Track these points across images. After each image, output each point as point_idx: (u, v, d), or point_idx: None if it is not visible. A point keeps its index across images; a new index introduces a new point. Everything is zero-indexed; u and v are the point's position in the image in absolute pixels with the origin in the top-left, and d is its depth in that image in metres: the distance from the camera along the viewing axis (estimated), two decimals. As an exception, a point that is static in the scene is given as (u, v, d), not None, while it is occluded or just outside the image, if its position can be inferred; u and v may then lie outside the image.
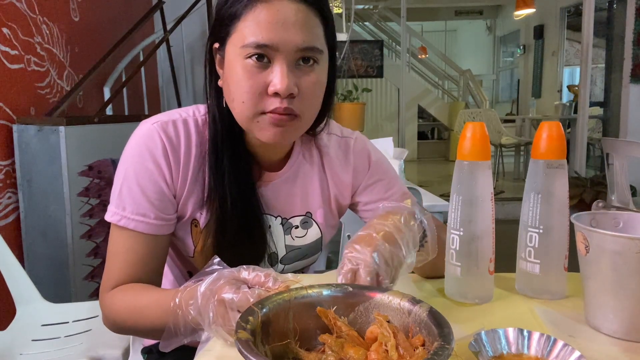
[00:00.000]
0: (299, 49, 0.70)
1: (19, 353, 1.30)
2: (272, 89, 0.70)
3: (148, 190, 0.76)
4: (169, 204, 0.79)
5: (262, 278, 0.59)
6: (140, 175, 0.76)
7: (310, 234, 0.90)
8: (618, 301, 0.59)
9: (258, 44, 0.69)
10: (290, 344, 0.53)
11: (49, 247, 2.00)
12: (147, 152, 0.76)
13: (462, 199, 0.70)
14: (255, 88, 0.71)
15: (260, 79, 0.70)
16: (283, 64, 0.70)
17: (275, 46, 0.69)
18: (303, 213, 0.89)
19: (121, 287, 0.76)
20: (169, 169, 0.78)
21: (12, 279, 1.43)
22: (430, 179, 6.50)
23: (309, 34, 0.71)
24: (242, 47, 0.70)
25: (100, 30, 2.98)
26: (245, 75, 0.70)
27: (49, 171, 1.96)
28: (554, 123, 0.71)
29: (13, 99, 2.02)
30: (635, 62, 4.35)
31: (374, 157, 0.93)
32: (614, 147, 2.72)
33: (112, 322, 0.77)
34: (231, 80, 0.73)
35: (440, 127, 9.16)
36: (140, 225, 0.76)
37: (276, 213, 0.87)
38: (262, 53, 0.69)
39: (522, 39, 8.71)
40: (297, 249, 0.90)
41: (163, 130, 0.78)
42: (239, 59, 0.71)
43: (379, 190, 0.91)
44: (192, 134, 0.80)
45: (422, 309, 0.52)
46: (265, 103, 0.71)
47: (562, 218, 0.71)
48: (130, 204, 0.76)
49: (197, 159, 0.80)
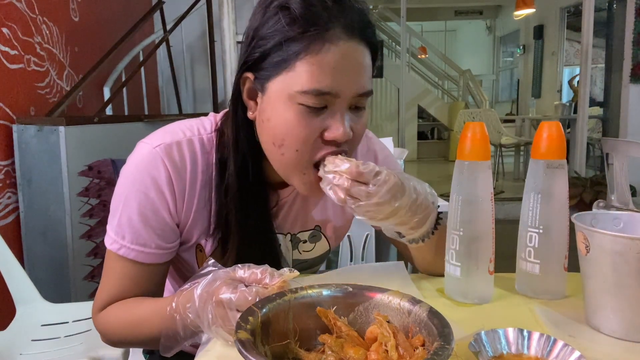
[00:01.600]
0: (358, 95, 0.66)
1: (19, 353, 1.30)
2: (330, 136, 0.66)
3: (150, 221, 0.71)
4: (171, 233, 0.74)
5: (259, 275, 0.59)
6: (142, 205, 0.71)
7: (317, 248, 0.87)
8: (618, 301, 0.59)
9: (320, 91, 0.63)
10: (290, 344, 0.53)
11: (49, 247, 2.00)
12: (149, 180, 0.70)
13: (462, 199, 0.70)
14: (311, 135, 0.65)
15: (316, 125, 0.65)
16: (342, 111, 0.66)
17: (337, 93, 0.64)
18: (312, 227, 0.86)
19: (114, 304, 0.74)
20: (173, 198, 0.72)
21: (12, 279, 1.43)
22: (430, 179, 6.44)
23: (365, 77, 0.67)
24: (300, 92, 0.63)
25: (100, 30, 2.98)
26: (301, 122, 0.65)
27: (49, 171, 1.96)
28: (554, 123, 0.71)
29: (13, 99, 2.02)
30: (635, 62, 4.34)
31: (381, 156, 0.91)
32: (614, 147, 2.72)
33: (111, 339, 0.76)
34: (278, 123, 0.66)
35: (440, 127, 9.15)
36: (140, 256, 0.72)
37: (286, 231, 0.84)
38: (322, 100, 0.64)
39: (522, 39, 8.71)
40: (304, 262, 0.88)
41: (167, 155, 0.71)
42: (290, 103, 0.65)
43: None
44: (198, 158, 0.74)
45: (422, 309, 0.52)
46: (321, 150, 0.67)
47: (562, 218, 0.71)
48: (130, 233, 0.71)
49: (203, 185, 0.74)
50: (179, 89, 3.77)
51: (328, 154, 0.67)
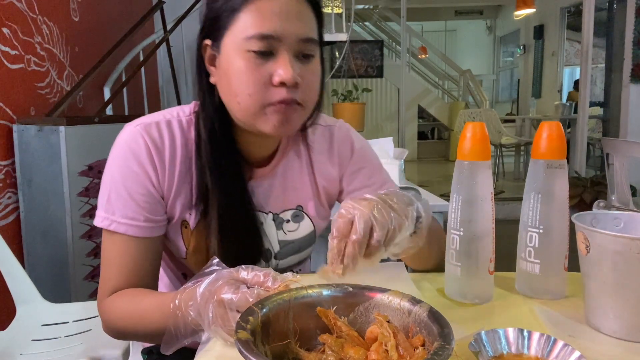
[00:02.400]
0: (300, 40, 0.71)
1: (19, 353, 1.30)
2: (277, 79, 0.70)
3: (135, 193, 0.76)
4: (157, 206, 0.78)
5: (262, 278, 0.59)
6: (126, 179, 0.76)
7: (302, 227, 0.90)
8: (618, 301, 0.59)
9: (262, 35, 0.69)
10: (290, 344, 0.53)
11: (49, 247, 2.00)
12: (131, 155, 0.76)
13: (462, 199, 0.70)
14: (261, 79, 0.70)
15: (265, 71, 0.70)
16: (286, 55, 0.70)
17: (279, 37, 0.70)
18: (293, 207, 0.89)
19: (119, 293, 0.76)
20: (155, 171, 0.77)
21: (12, 279, 1.43)
22: (430, 179, 6.50)
23: (307, 25, 0.73)
24: (245, 39, 0.69)
25: (100, 30, 2.98)
26: (250, 67, 0.70)
27: (49, 171, 1.96)
28: (554, 123, 0.71)
29: (13, 99, 2.02)
30: (635, 62, 4.35)
31: (357, 144, 0.93)
32: (614, 147, 2.72)
33: (112, 329, 0.77)
34: (232, 74, 0.72)
35: (440, 127, 9.15)
36: (131, 229, 0.75)
37: (267, 209, 0.87)
38: (265, 44, 0.69)
39: (522, 39, 8.71)
40: (291, 244, 0.90)
41: (146, 132, 0.77)
42: (240, 52, 0.70)
43: (362, 178, 0.91)
44: (176, 135, 0.79)
45: (422, 309, 0.52)
46: (271, 94, 0.71)
47: (562, 218, 0.71)
48: (119, 208, 0.75)
49: (183, 160, 0.79)
50: (179, 89, 3.77)
51: (281, 102, 0.71)
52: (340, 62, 5.93)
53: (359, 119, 4.49)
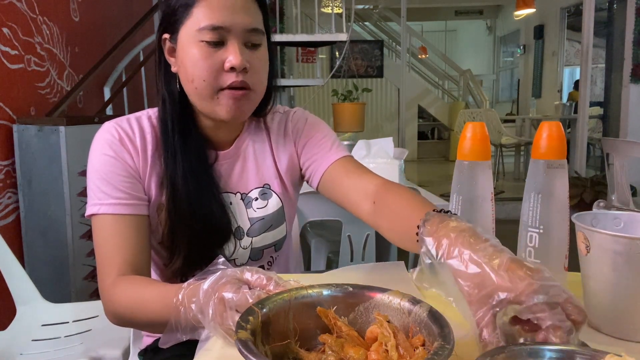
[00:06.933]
0: (247, 30, 0.80)
1: (19, 353, 1.30)
2: (228, 65, 0.78)
3: (117, 176, 0.82)
4: (138, 185, 0.84)
5: (264, 281, 0.60)
6: (106, 165, 0.82)
7: (271, 204, 0.95)
8: (618, 301, 0.59)
9: (214, 26, 0.77)
10: (290, 344, 0.53)
11: (49, 247, 2.00)
12: (107, 145, 0.83)
13: (462, 199, 0.70)
14: (213, 66, 0.78)
15: (217, 58, 0.78)
16: (235, 43, 0.79)
17: (228, 27, 0.78)
18: (260, 185, 0.94)
19: (123, 279, 0.78)
20: (129, 154, 0.84)
21: (12, 279, 1.43)
22: (430, 179, 6.50)
23: (253, 17, 0.81)
24: (199, 30, 0.77)
25: (100, 30, 2.98)
26: (203, 55, 0.78)
27: (49, 171, 1.96)
28: (554, 123, 0.71)
29: (13, 99, 2.02)
30: (635, 62, 4.35)
31: (311, 120, 0.98)
32: (614, 147, 2.72)
33: (115, 314, 0.78)
34: (188, 62, 0.79)
35: (440, 127, 9.16)
36: (118, 207, 0.81)
37: (235, 190, 0.92)
38: (216, 34, 0.78)
39: (522, 39, 8.71)
40: (261, 220, 0.94)
41: (118, 125, 0.85)
42: (194, 42, 0.78)
43: (314, 144, 0.95)
44: (145, 128, 0.87)
45: (422, 309, 0.52)
46: (224, 79, 0.79)
47: (562, 218, 0.71)
48: (104, 192, 0.81)
49: (153, 148, 0.86)
50: (179, 89, 3.77)
51: (232, 87, 0.79)
52: (340, 62, 5.93)
53: (359, 119, 4.48)
